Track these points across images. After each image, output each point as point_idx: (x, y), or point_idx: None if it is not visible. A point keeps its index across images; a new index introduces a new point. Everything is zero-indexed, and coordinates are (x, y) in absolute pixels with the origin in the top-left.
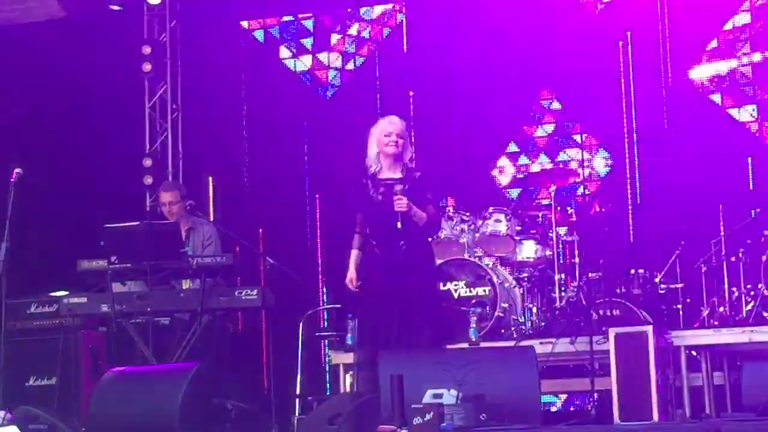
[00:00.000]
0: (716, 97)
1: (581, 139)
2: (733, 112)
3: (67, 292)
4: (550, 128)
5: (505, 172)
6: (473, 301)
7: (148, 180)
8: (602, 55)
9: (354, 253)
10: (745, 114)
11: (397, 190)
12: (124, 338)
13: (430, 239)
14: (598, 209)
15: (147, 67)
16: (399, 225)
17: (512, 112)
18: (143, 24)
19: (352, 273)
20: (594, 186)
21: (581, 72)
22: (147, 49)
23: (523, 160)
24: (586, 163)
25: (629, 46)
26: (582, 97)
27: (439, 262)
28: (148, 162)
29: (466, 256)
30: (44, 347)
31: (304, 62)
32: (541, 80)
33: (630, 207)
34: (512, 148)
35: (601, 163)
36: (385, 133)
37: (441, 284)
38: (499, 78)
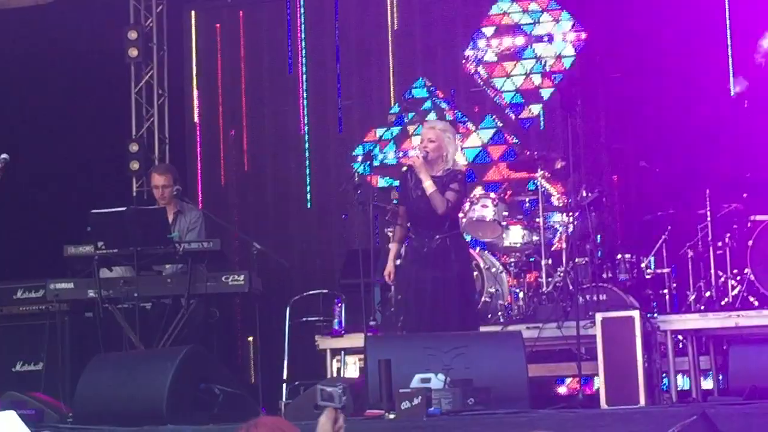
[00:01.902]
0: None
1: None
2: None
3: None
4: (536, 109)
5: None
6: None
7: (135, 165)
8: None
9: (393, 247)
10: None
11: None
12: (110, 323)
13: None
14: (585, 194)
15: (133, 52)
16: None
17: None
18: (129, 9)
19: (390, 267)
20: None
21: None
22: (133, 35)
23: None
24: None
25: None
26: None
27: None
28: (134, 147)
29: None
30: (31, 332)
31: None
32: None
33: (616, 192)
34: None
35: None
36: (420, 138)
37: None
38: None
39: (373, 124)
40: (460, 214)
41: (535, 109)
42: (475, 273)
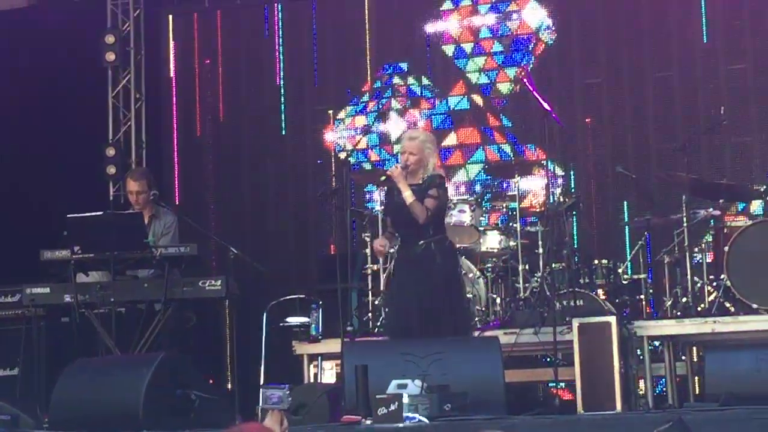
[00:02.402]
0: None
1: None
2: None
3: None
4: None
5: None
6: None
7: (111, 170)
8: None
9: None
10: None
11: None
12: (86, 328)
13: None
14: (562, 200)
15: (110, 56)
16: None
17: None
18: (107, 13)
19: (382, 240)
20: (559, 177)
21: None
22: (110, 39)
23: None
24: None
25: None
26: None
27: None
28: (111, 151)
29: None
30: (6, 337)
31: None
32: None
33: (593, 198)
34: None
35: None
36: (402, 149)
37: None
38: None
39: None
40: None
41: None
42: None
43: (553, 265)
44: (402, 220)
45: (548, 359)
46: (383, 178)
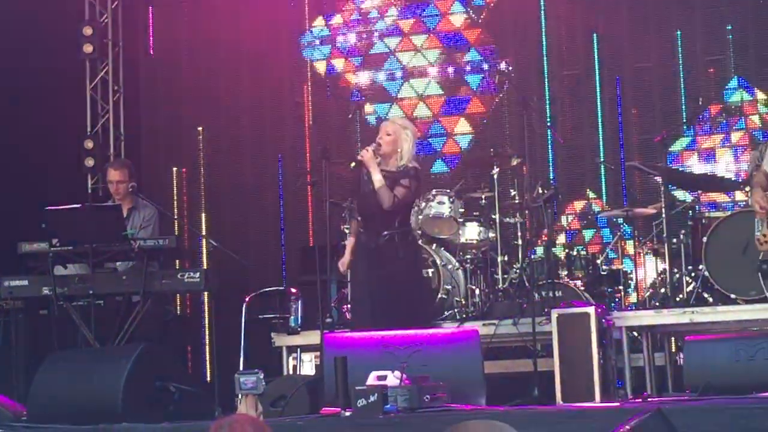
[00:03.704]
0: None
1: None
2: None
3: None
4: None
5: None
6: None
7: (90, 162)
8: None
9: (350, 240)
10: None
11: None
12: (65, 321)
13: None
14: (540, 191)
15: (88, 48)
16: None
17: None
18: (84, 5)
19: (347, 257)
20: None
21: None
22: (88, 30)
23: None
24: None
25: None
26: None
27: None
28: (89, 144)
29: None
30: None
31: None
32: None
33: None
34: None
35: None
36: (380, 132)
37: None
38: None
39: None
40: (415, 209)
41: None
42: (431, 270)
43: (532, 257)
44: (368, 208)
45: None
46: (353, 164)
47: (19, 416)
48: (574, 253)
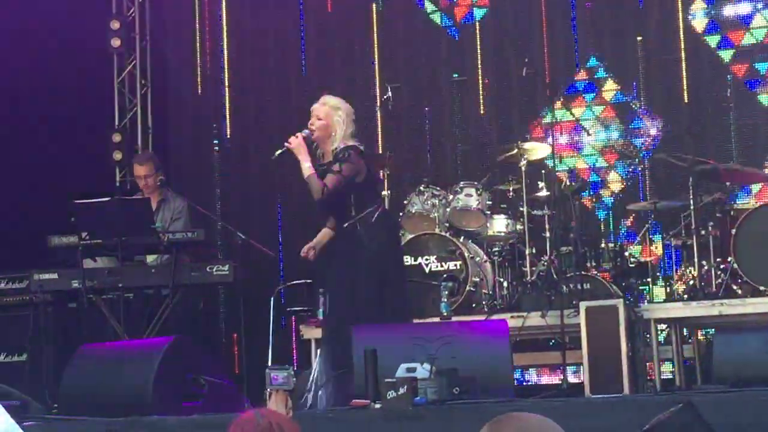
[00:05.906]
0: None
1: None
2: None
3: None
4: None
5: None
6: (444, 275)
7: (118, 155)
8: None
9: (323, 231)
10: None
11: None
12: (94, 314)
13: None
14: (568, 183)
15: (116, 42)
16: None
17: None
18: None
19: (311, 243)
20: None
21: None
22: (115, 24)
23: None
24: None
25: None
26: None
27: (410, 236)
28: (117, 137)
29: (437, 230)
30: (14, 324)
31: None
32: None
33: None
34: None
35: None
36: (311, 114)
37: (412, 259)
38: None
39: None
40: (443, 201)
41: None
42: (459, 262)
43: (561, 249)
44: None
45: (553, 343)
46: (279, 152)
47: (49, 408)
48: (602, 245)
